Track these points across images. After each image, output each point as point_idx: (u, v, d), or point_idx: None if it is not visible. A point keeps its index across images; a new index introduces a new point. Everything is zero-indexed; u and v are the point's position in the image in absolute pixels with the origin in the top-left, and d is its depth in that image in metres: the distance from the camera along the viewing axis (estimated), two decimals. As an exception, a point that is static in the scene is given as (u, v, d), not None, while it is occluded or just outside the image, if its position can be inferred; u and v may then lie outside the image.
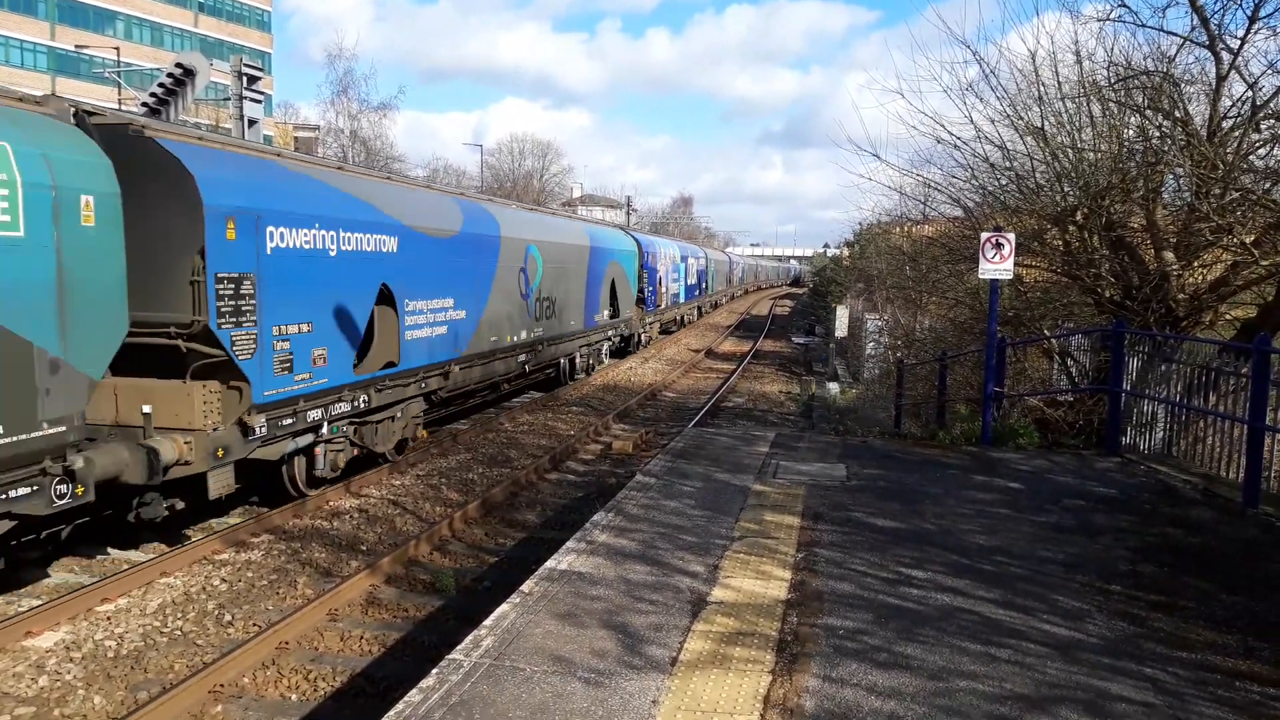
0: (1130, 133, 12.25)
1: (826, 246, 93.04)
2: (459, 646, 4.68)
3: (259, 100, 19.45)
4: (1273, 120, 10.77)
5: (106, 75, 42.46)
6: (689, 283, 42.88)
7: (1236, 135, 10.93)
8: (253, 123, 19.01)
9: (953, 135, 13.20)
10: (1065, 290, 13.92)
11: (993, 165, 13.36)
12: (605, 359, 25.24)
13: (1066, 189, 12.56)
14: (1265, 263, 10.58)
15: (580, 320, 21.52)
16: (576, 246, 21.40)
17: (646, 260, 30.50)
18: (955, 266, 16.18)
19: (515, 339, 16.64)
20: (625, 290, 26.65)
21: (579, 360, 22.06)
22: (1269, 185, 10.81)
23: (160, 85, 17.60)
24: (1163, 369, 9.85)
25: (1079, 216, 12.46)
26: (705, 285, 50.12)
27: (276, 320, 9.43)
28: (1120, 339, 10.16)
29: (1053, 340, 13.56)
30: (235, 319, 8.79)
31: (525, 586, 5.53)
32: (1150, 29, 17.88)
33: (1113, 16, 11.72)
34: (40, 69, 59.47)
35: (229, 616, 7.54)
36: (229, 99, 20.58)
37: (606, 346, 25.06)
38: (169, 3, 68.22)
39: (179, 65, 17.53)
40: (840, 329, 31.47)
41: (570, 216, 28.37)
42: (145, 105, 17.68)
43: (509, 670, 4.40)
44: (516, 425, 16.24)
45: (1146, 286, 11.45)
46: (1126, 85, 11.82)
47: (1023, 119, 12.61)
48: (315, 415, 10.30)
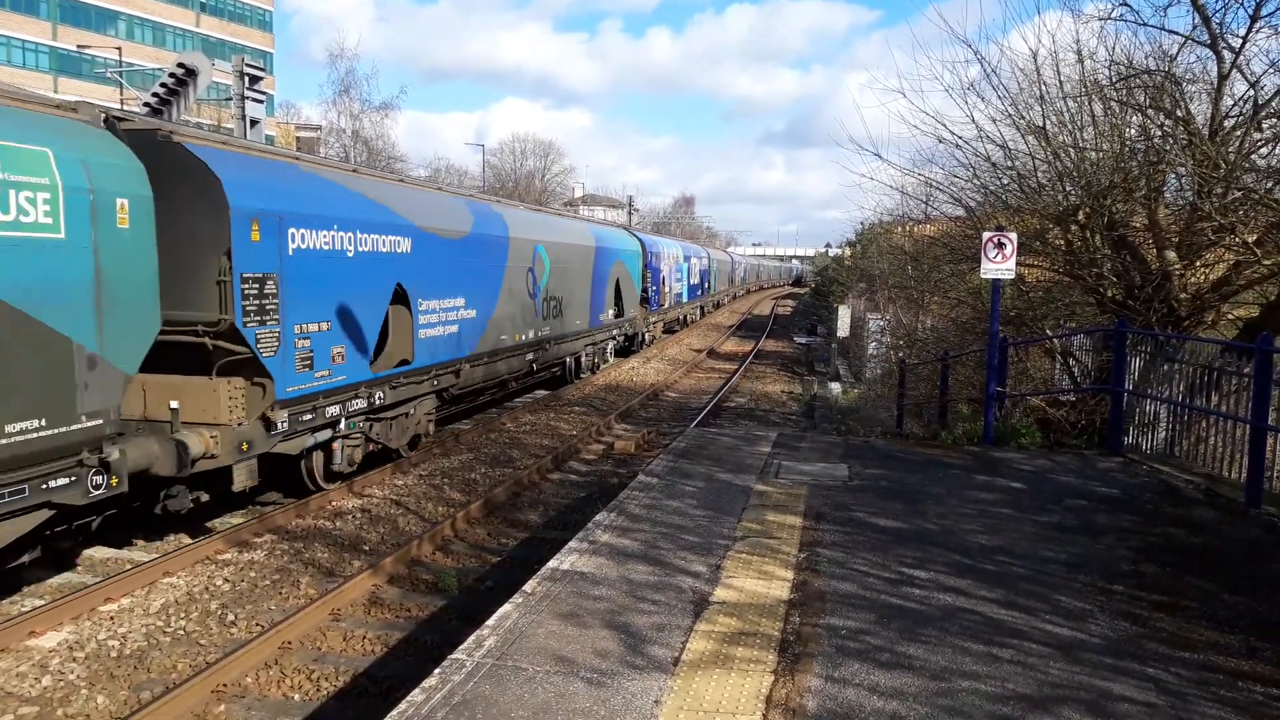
0: (1132, 132, 12.24)
1: (828, 246, 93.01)
2: (461, 646, 4.68)
3: (261, 100, 19.47)
4: (1274, 119, 10.75)
5: (108, 75, 42.50)
6: (692, 282, 42.89)
7: (1238, 134, 10.92)
8: (255, 123, 19.02)
9: (954, 134, 13.21)
10: (1067, 290, 13.91)
11: (994, 164, 13.36)
12: (610, 358, 25.34)
13: (1068, 188, 12.55)
14: (1268, 262, 10.58)
15: (586, 320, 21.64)
16: (582, 247, 21.51)
17: (650, 260, 30.55)
18: (957, 266, 16.18)
19: (523, 338, 16.82)
20: (629, 290, 26.74)
21: (584, 359, 22.18)
22: (1271, 184, 10.79)
23: (162, 85, 17.62)
24: (1165, 369, 9.85)
25: (1081, 216, 12.46)
26: (708, 285, 50.15)
27: (298, 319, 9.73)
28: (1122, 339, 10.16)
29: (1055, 340, 13.56)
30: (259, 317, 9.07)
31: (528, 586, 5.53)
32: (1152, 28, 17.86)
33: (1114, 15, 11.74)
34: (42, 69, 59.54)
35: (232, 616, 7.55)
36: (231, 99, 20.60)
37: (611, 345, 25.21)
38: (171, 3, 68.29)
39: (181, 65, 17.55)
40: (842, 329, 31.44)
41: (576, 217, 28.51)
42: (147, 105, 17.70)
43: (511, 670, 4.40)
44: (519, 425, 16.25)
45: (1149, 286, 11.44)
46: (1128, 84, 11.82)
47: (1024, 118, 12.61)
48: (333, 411, 10.54)
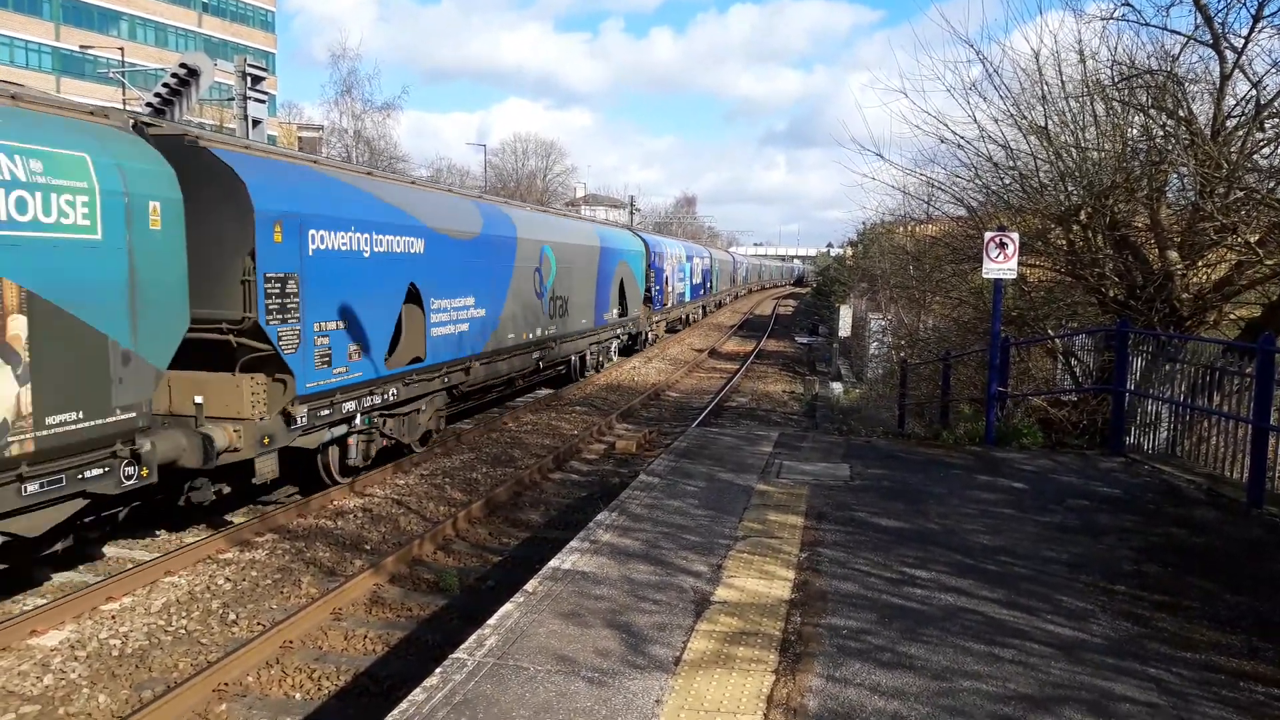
0: (1134, 132, 12.22)
1: (830, 246, 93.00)
2: (463, 645, 4.69)
3: (263, 100, 19.47)
4: (1277, 119, 10.74)
5: (111, 76, 42.54)
6: (694, 282, 42.98)
7: (1240, 134, 10.91)
8: (257, 123, 19.01)
9: (956, 134, 13.21)
10: (1069, 290, 13.90)
11: (996, 164, 13.35)
12: (614, 356, 25.59)
13: (1070, 188, 12.54)
14: (1270, 262, 10.57)
15: (591, 319, 21.90)
16: (587, 247, 21.78)
17: (653, 260, 30.72)
18: (959, 266, 16.17)
19: (530, 336, 17.11)
20: (633, 289, 26.97)
21: (589, 358, 22.43)
22: (1273, 184, 10.78)
23: (164, 85, 17.61)
24: (1167, 369, 9.84)
25: (1083, 216, 12.44)
26: (710, 285, 50.23)
27: (317, 317, 10.08)
28: (1124, 339, 10.15)
29: (1056, 340, 13.54)
30: (281, 316, 9.42)
31: (529, 586, 5.53)
32: (1154, 28, 17.82)
33: (1116, 15, 11.73)
34: (45, 69, 59.60)
35: (233, 615, 7.56)
36: (233, 99, 20.60)
37: (615, 344, 25.50)
38: (173, 3, 68.35)
39: (183, 65, 17.54)
40: (844, 329, 31.39)
41: (581, 218, 28.86)
42: (150, 105, 17.70)
43: (513, 669, 4.40)
44: (520, 425, 16.25)
45: (1150, 286, 11.43)
46: (1130, 84, 11.81)
47: (1026, 118, 12.60)
48: (349, 407, 10.88)
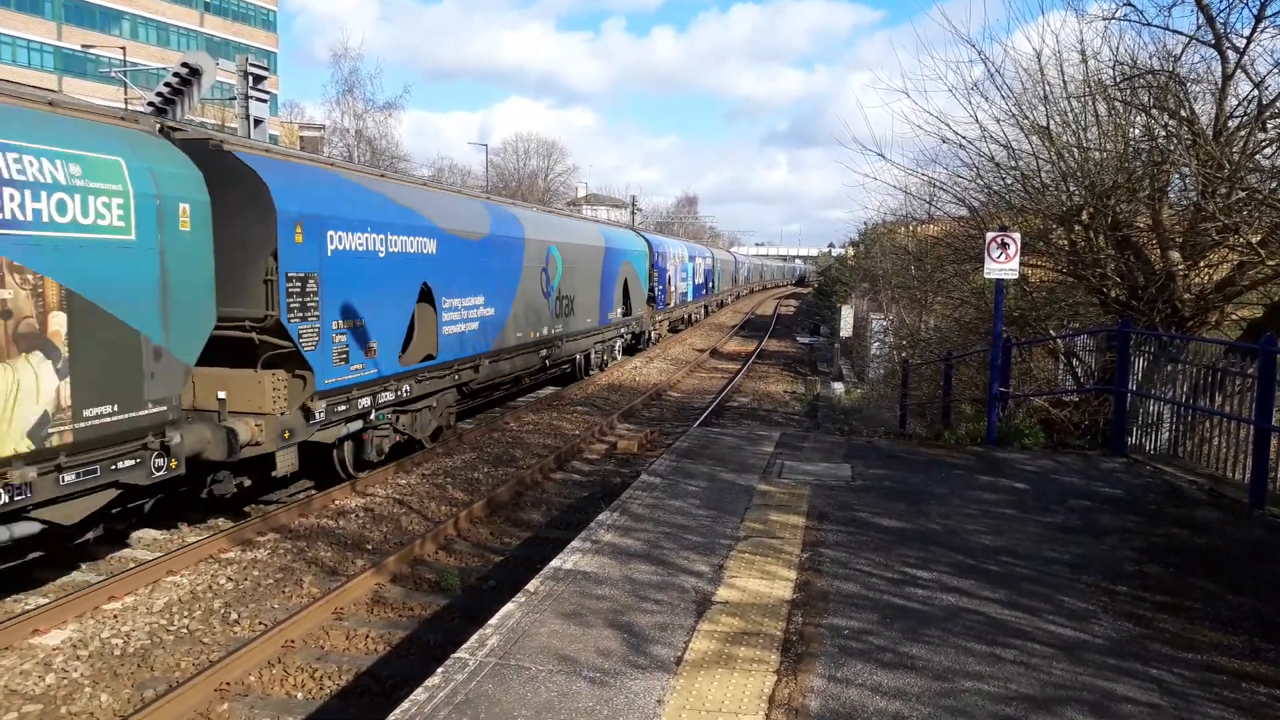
0: (1136, 132, 12.21)
1: (831, 246, 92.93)
2: (464, 645, 4.69)
3: (265, 100, 19.50)
4: (1279, 119, 10.73)
5: (112, 75, 42.58)
6: (696, 282, 43.10)
7: (1242, 134, 10.90)
8: (258, 122, 19.03)
9: (958, 135, 13.21)
10: (1071, 290, 13.88)
11: (998, 165, 13.34)
12: (618, 355, 25.84)
13: (1072, 188, 12.53)
14: (1272, 263, 10.55)
15: (596, 318, 22.17)
16: (592, 247, 22.04)
17: (657, 260, 30.97)
18: (960, 266, 16.17)
19: (537, 335, 17.43)
20: (637, 289, 27.25)
21: (594, 356, 22.68)
22: (1275, 185, 10.77)
23: (166, 85, 17.61)
24: (1168, 369, 9.84)
25: (1084, 216, 12.44)
26: (712, 285, 50.31)
27: (335, 315, 10.40)
28: (1126, 339, 10.14)
29: (1058, 340, 13.53)
30: (302, 314, 9.73)
31: (530, 586, 5.54)
32: (1156, 28, 17.85)
33: (1118, 15, 11.73)
34: (47, 68, 59.66)
35: (235, 615, 7.57)
36: (235, 98, 20.62)
37: (619, 343, 25.78)
38: (175, 2, 68.39)
39: (185, 65, 17.54)
40: (845, 329, 31.39)
41: (586, 219, 29.19)
42: (151, 105, 17.71)
43: (514, 669, 4.41)
44: (522, 425, 16.25)
45: (1152, 286, 11.42)
46: (1132, 84, 11.80)
47: (1028, 118, 12.59)
48: (365, 403, 11.21)
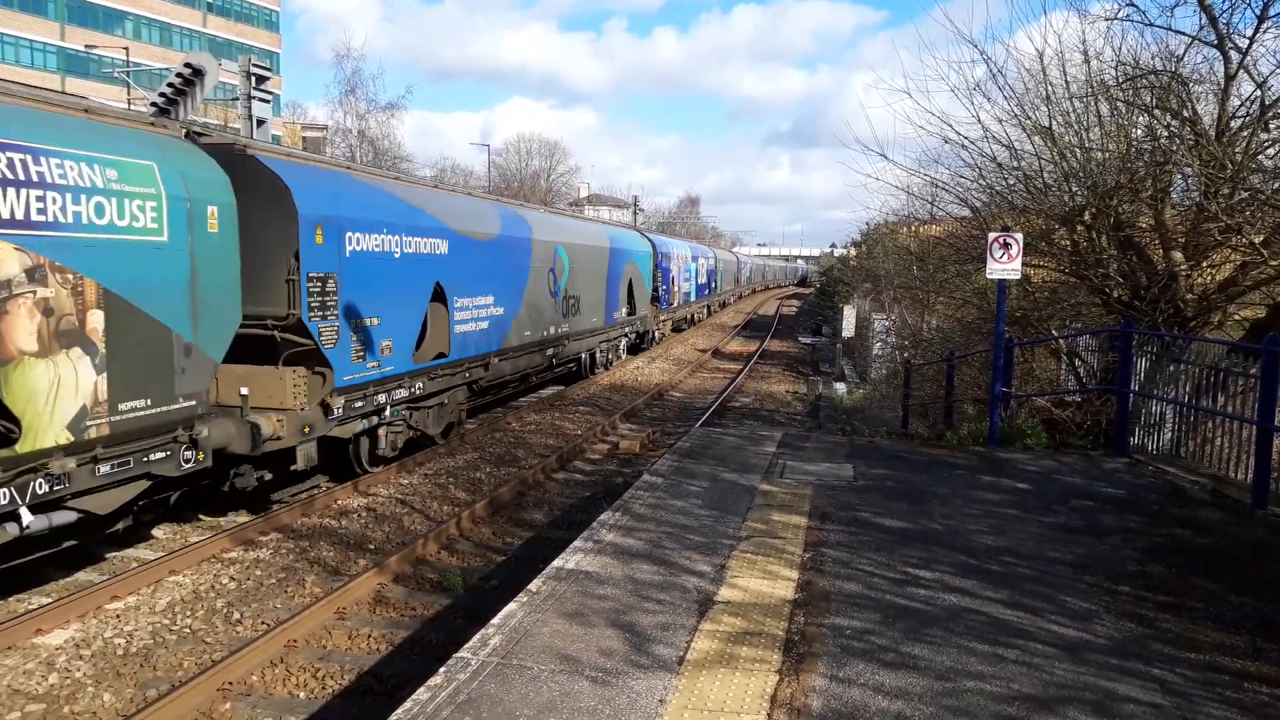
0: (1138, 132, 12.20)
1: (833, 246, 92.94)
2: (467, 645, 4.69)
3: (267, 100, 19.54)
4: (1282, 120, 10.72)
5: (115, 75, 42.62)
6: (699, 282, 43.26)
7: (1245, 135, 10.89)
8: (261, 123, 19.06)
9: (960, 135, 13.20)
10: (1073, 290, 13.88)
11: (1000, 165, 13.34)
12: (623, 354, 26.07)
13: (1074, 189, 12.52)
14: (1274, 263, 10.54)
15: (601, 317, 22.41)
16: (598, 248, 22.30)
17: (660, 261, 31.20)
18: (963, 266, 16.16)
19: (545, 334, 17.68)
20: (641, 289, 27.50)
21: (599, 355, 22.92)
22: (1278, 185, 10.76)
23: (169, 85, 17.61)
24: (1171, 369, 9.82)
25: (1087, 216, 12.43)
26: (714, 285, 50.40)
27: (354, 314, 10.65)
28: (1128, 339, 10.13)
29: (1060, 340, 13.52)
30: (322, 313, 10.00)
31: (533, 585, 5.54)
32: (1158, 28, 17.87)
33: (1121, 16, 11.71)
34: (50, 69, 59.73)
35: (237, 614, 7.57)
36: (237, 99, 20.65)
37: (624, 342, 26.03)
38: (178, 3, 68.47)
39: (187, 65, 17.54)
40: (847, 329, 31.39)
41: (591, 219, 29.43)
42: (154, 105, 17.72)
43: (516, 669, 4.41)
44: (524, 425, 16.26)
45: (1155, 287, 11.41)
46: (1134, 85, 11.79)
47: (1030, 118, 12.58)
48: (381, 399, 11.46)
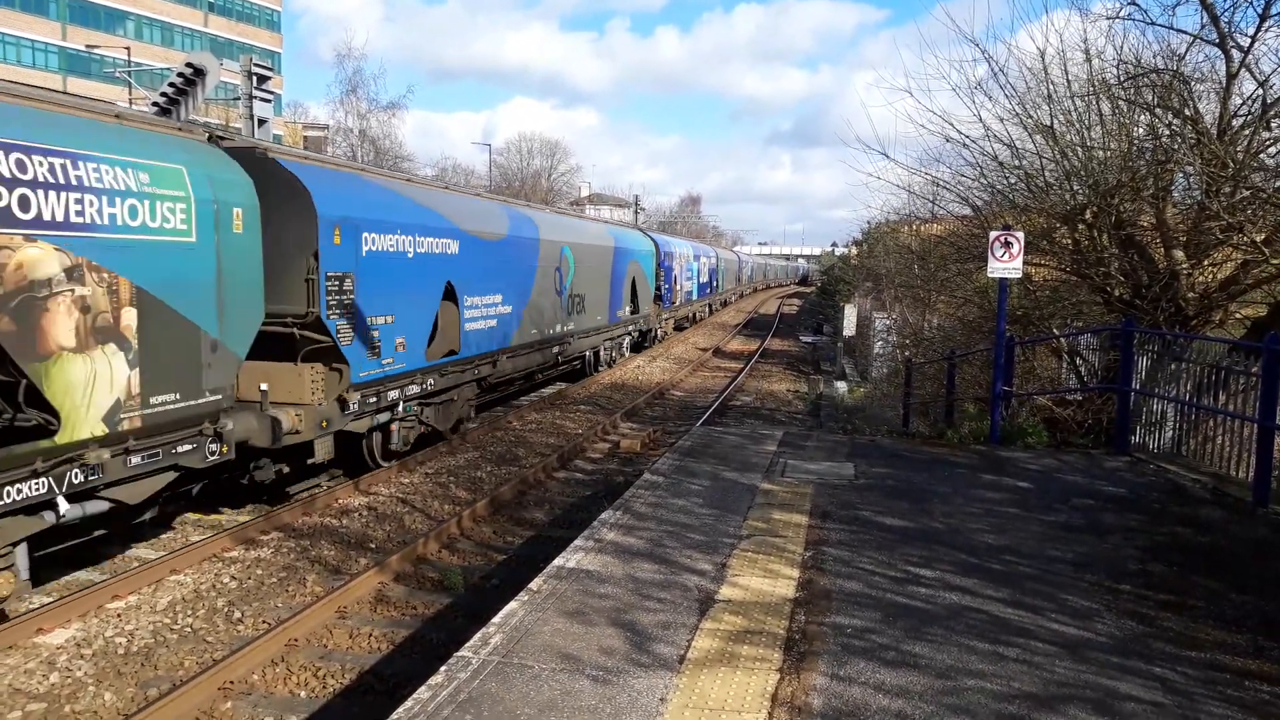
0: (1140, 131, 12.20)
1: (834, 245, 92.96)
2: (468, 644, 4.70)
3: (269, 100, 19.57)
4: (1284, 118, 10.71)
5: (117, 75, 42.61)
6: (701, 281, 43.42)
7: (1247, 133, 10.88)
8: (262, 122, 19.08)
9: (961, 134, 13.21)
10: (1074, 289, 13.87)
11: (1001, 164, 13.33)
12: (626, 352, 26.35)
13: (1076, 187, 12.52)
14: (1276, 261, 10.52)
15: (605, 316, 22.69)
16: (602, 247, 22.59)
17: (663, 260, 31.47)
18: (964, 265, 16.15)
19: (551, 332, 17.99)
20: (644, 288, 27.78)
21: (603, 353, 23.19)
22: (1279, 183, 10.75)
23: (170, 85, 17.63)
24: (1172, 368, 9.81)
25: (1088, 215, 12.42)
26: (716, 284, 50.51)
27: (369, 312, 10.89)
28: (1129, 338, 10.13)
29: (1062, 339, 13.52)
30: (339, 311, 10.24)
31: (534, 584, 5.54)
32: (1160, 27, 17.88)
33: (1122, 14, 11.71)
34: (51, 69, 59.76)
35: (238, 614, 7.58)
36: (239, 98, 20.67)
37: (628, 340, 26.34)
38: (179, 3, 68.49)
39: (189, 65, 17.56)
40: (848, 328, 31.43)
41: (596, 219, 29.77)
42: (156, 105, 17.73)
43: (517, 668, 4.41)
44: (524, 424, 16.26)
45: (1156, 285, 11.40)
46: (1136, 83, 11.78)
47: (1031, 117, 12.58)
48: (394, 395, 11.71)
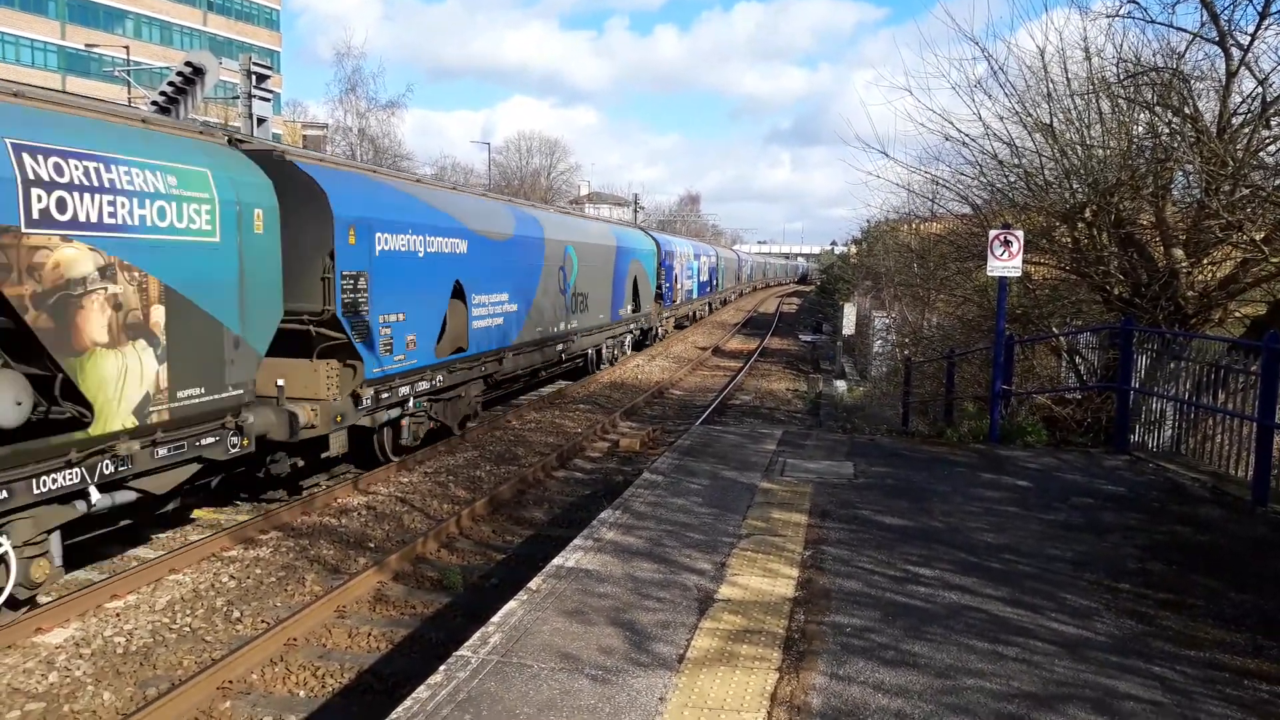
0: (1139, 129, 12.19)
1: (834, 244, 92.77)
2: (467, 643, 4.69)
3: (268, 99, 19.55)
4: (1283, 117, 10.70)
5: (116, 74, 42.62)
6: (701, 280, 43.58)
7: (1246, 132, 10.88)
8: (262, 121, 19.07)
9: (961, 132, 13.20)
10: (1074, 288, 13.87)
11: (1001, 162, 13.33)
12: (628, 349, 26.58)
13: (1075, 186, 12.51)
14: (1275, 260, 10.52)
15: (608, 314, 22.94)
16: (605, 246, 22.86)
17: (664, 259, 31.71)
18: (963, 264, 16.14)
19: (555, 330, 18.26)
20: (645, 287, 27.98)
21: (605, 351, 23.40)
22: (1279, 182, 10.74)
23: (170, 84, 17.61)
24: (1171, 367, 9.81)
25: (1088, 214, 12.42)
26: (716, 282, 50.63)
27: (382, 310, 11.17)
28: (1129, 336, 10.13)
29: (1061, 338, 13.51)
30: (354, 309, 10.52)
31: (533, 584, 5.54)
32: (1160, 25, 17.85)
33: (1122, 13, 11.71)
34: (50, 68, 59.76)
35: (237, 613, 7.57)
36: (238, 97, 20.65)
37: (629, 338, 26.60)
38: (178, 1, 68.48)
39: (188, 64, 17.53)
40: (848, 327, 31.41)
41: (599, 219, 29.98)
42: (155, 104, 17.72)
43: (517, 667, 4.41)
44: (524, 423, 16.26)
45: (1155, 284, 11.40)
46: (1136, 82, 11.77)
47: (1031, 116, 12.57)
48: (405, 391, 12.00)
